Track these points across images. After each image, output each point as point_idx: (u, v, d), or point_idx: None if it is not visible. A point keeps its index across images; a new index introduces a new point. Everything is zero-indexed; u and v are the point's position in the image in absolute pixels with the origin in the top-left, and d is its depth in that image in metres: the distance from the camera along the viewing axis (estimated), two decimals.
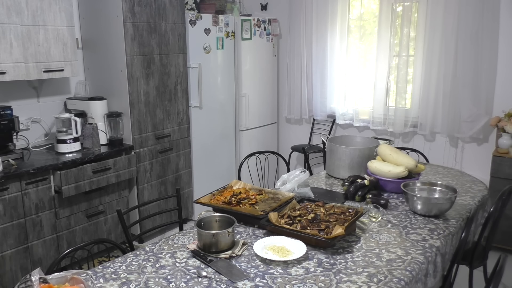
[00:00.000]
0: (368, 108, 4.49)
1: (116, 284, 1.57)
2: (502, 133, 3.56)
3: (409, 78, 4.20)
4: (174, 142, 3.99)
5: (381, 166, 2.48)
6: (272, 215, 1.89)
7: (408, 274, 1.63)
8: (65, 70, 3.31)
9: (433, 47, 3.94)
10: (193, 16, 4.00)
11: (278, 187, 2.35)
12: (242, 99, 4.55)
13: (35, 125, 3.52)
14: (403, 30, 4.06)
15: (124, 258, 1.76)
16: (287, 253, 1.73)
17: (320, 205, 2.06)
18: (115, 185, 3.51)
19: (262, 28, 4.66)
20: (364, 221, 2.07)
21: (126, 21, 3.45)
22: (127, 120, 3.61)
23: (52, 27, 3.18)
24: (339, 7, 4.46)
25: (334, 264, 1.69)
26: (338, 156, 2.73)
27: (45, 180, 3.02)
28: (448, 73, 3.89)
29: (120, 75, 3.56)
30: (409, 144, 4.24)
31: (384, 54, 4.22)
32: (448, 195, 2.22)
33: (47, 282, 1.36)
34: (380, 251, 1.79)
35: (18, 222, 2.91)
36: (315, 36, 4.62)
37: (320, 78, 4.69)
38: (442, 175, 2.83)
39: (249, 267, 1.66)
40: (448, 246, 1.96)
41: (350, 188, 2.37)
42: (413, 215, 2.17)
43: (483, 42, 3.68)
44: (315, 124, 4.91)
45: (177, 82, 3.94)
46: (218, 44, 4.26)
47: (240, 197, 2.16)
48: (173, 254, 1.79)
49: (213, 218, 1.92)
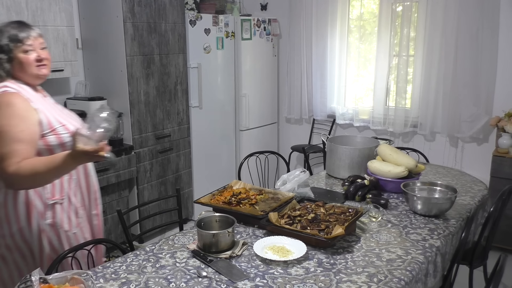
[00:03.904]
0: (368, 108, 4.49)
1: (116, 284, 1.57)
2: (502, 133, 3.56)
3: (409, 78, 4.20)
4: (174, 142, 3.99)
5: (381, 166, 2.48)
6: (272, 215, 1.89)
7: (408, 274, 1.63)
8: (65, 70, 3.31)
9: (433, 47, 3.94)
10: (193, 16, 4.00)
11: (278, 187, 2.35)
12: (242, 99, 4.55)
13: None
14: (403, 30, 4.06)
15: (124, 258, 1.76)
16: (287, 253, 1.73)
17: (320, 205, 2.06)
18: (115, 185, 3.50)
19: (262, 28, 4.66)
20: (364, 221, 2.07)
21: (126, 21, 3.45)
22: (127, 120, 3.61)
23: (52, 27, 3.18)
24: (339, 7, 4.46)
25: (334, 264, 1.69)
26: (338, 156, 2.73)
27: None
28: (448, 73, 3.89)
29: (120, 75, 3.56)
30: (409, 144, 4.24)
31: (384, 54, 4.22)
32: (448, 195, 2.22)
33: (47, 282, 1.36)
34: (380, 251, 1.79)
35: None
36: (315, 36, 4.62)
37: (320, 78, 4.69)
38: (442, 175, 2.83)
39: (249, 267, 1.66)
40: (448, 246, 1.96)
41: (350, 188, 2.37)
42: (413, 215, 2.17)
43: (483, 42, 3.68)
44: (315, 124, 4.91)
45: (177, 82, 3.94)
46: (218, 44, 4.26)
47: (240, 197, 2.16)
48: (173, 254, 1.79)
49: (213, 218, 1.92)
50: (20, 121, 1.69)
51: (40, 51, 1.81)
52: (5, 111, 1.69)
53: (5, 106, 1.70)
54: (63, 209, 1.86)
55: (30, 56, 1.77)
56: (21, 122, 1.69)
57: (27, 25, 1.82)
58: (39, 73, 1.81)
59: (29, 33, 1.78)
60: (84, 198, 1.96)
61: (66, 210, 1.87)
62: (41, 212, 1.81)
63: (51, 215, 1.83)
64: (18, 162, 1.63)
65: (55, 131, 1.79)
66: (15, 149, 1.64)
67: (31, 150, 1.70)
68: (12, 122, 1.67)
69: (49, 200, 1.82)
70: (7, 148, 1.64)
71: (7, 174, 1.64)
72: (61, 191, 1.85)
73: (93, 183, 1.99)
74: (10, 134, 1.66)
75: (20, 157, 1.64)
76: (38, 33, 1.84)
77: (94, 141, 1.58)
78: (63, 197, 1.86)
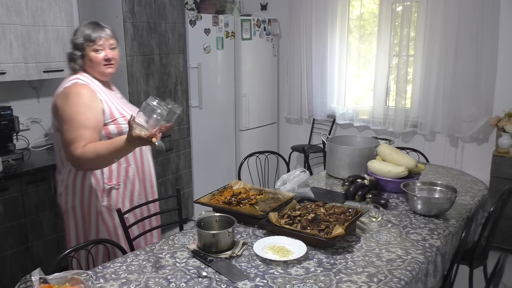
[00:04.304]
0: (368, 108, 4.49)
1: (116, 284, 1.57)
2: (502, 132, 3.56)
3: (409, 78, 4.20)
4: (174, 142, 3.99)
5: (381, 166, 2.48)
6: (272, 215, 1.89)
7: (408, 274, 1.63)
8: (65, 70, 3.30)
9: (433, 47, 3.94)
10: (193, 16, 4.00)
11: (278, 187, 2.35)
12: (242, 99, 4.55)
13: (35, 125, 3.52)
14: (403, 30, 4.06)
15: (124, 258, 1.76)
16: (287, 253, 1.73)
17: (320, 205, 2.06)
18: None
19: (262, 28, 4.66)
20: (364, 221, 2.06)
21: (126, 21, 3.45)
22: None
23: (52, 27, 3.18)
24: (339, 7, 4.46)
25: (334, 264, 1.69)
26: (338, 156, 2.73)
27: (45, 180, 3.02)
28: (448, 73, 3.89)
29: (120, 75, 3.56)
30: (409, 144, 4.24)
31: (384, 54, 4.22)
32: (448, 195, 2.22)
33: (47, 282, 1.36)
34: (380, 251, 1.79)
35: (18, 223, 2.91)
36: (315, 36, 4.62)
37: (320, 78, 4.69)
38: (442, 175, 2.83)
39: (249, 267, 1.66)
40: (448, 246, 1.96)
41: (350, 188, 2.37)
42: (413, 215, 2.17)
43: (483, 42, 3.68)
44: (315, 124, 4.91)
45: (177, 82, 3.94)
46: (218, 44, 4.26)
47: (240, 197, 2.16)
48: (173, 254, 1.79)
49: (213, 218, 1.92)
50: (87, 109, 1.90)
51: (109, 51, 2.02)
52: (74, 100, 1.91)
53: (74, 95, 1.92)
54: (118, 194, 2.08)
55: (99, 55, 2.00)
56: (87, 110, 1.90)
57: (101, 26, 2.03)
58: (105, 71, 2.04)
59: (101, 34, 1.99)
60: (141, 187, 2.16)
61: (121, 196, 2.09)
62: (99, 195, 2.03)
63: (107, 199, 2.05)
64: (83, 145, 1.85)
65: (116, 121, 2.00)
66: (82, 134, 1.86)
67: (95, 136, 1.91)
68: (80, 110, 1.89)
69: (106, 184, 2.03)
70: (74, 133, 1.86)
71: (74, 157, 1.86)
72: (118, 177, 2.06)
73: (151, 174, 2.22)
74: (78, 121, 1.87)
75: (86, 142, 1.86)
76: (110, 34, 2.04)
77: (146, 128, 1.76)
78: (119, 183, 2.07)
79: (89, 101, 1.92)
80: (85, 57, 2.00)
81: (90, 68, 2.02)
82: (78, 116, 1.88)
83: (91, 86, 1.98)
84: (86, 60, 2.01)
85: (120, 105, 2.07)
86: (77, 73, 2.02)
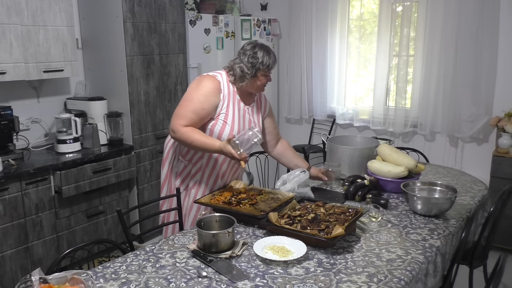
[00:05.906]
0: (368, 108, 4.49)
1: (116, 284, 1.57)
2: (502, 133, 3.56)
3: (409, 78, 4.20)
4: None
5: (381, 166, 2.48)
6: (272, 215, 1.89)
7: (408, 274, 1.63)
8: (65, 70, 3.31)
9: (433, 47, 3.94)
10: (193, 16, 4.00)
11: (278, 187, 2.35)
12: None
13: (35, 125, 3.52)
14: (403, 30, 4.07)
15: (124, 258, 1.76)
16: (287, 253, 1.73)
17: (320, 205, 2.06)
18: (115, 185, 3.51)
19: (262, 28, 4.66)
20: (364, 221, 2.06)
21: (126, 21, 3.45)
22: (127, 120, 3.61)
23: (52, 27, 3.18)
24: (339, 7, 4.46)
25: (334, 264, 1.69)
26: (338, 156, 2.73)
27: (45, 180, 3.02)
28: (448, 73, 3.90)
29: (120, 75, 3.56)
30: (409, 144, 4.24)
31: (384, 54, 4.22)
32: (448, 195, 2.22)
33: (47, 282, 1.36)
34: (380, 251, 1.79)
35: (18, 222, 2.91)
36: (315, 36, 4.62)
37: (320, 78, 4.69)
38: (442, 175, 2.83)
39: (249, 267, 1.66)
40: (448, 246, 1.96)
41: (350, 188, 2.37)
42: (413, 215, 2.17)
43: (483, 42, 3.68)
44: (315, 124, 4.91)
45: (177, 82, 3.94)
46: (218, 44, 4.26)
47: (240, 197, 2.16)
48: (173, 254, 1.79)
49: (213, 218, 1.92)
50: (206, 100, 2.18)
51: (270, 77, 2.32)
52: (201, 87, 2.20)
53: (204, 83, 2.21)
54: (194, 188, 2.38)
55: (263, 80, 2.29)
56: (206, 101, 2.18)
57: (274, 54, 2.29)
58: (260, 92, 2.41)
59: (275, 65, 2.29)
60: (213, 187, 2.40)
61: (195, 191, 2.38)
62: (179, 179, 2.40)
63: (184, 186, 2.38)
64: (185, 125, 2.15)
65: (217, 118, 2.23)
66: (190, 116, 2.16)
67: (198, 123, 2.20)
68: (201, 98, 2.18)
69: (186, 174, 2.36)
70: (186, 112, 2.17)
71: (174, 127, 2.17)
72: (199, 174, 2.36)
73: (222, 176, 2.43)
74: (194, 104, 2.17)
75: (188, 123, 2.16)
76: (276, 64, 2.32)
77: (239, 149, 2.07)
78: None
79: (210, 94, 2.19)
80: (254, 76, 2.24)
81: (250, 85, 2.27)
82: (196, 101, 2.17)
83: (222, 85, 2.24)
84: (254, 79, 2.25)
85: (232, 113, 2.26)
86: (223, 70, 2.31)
